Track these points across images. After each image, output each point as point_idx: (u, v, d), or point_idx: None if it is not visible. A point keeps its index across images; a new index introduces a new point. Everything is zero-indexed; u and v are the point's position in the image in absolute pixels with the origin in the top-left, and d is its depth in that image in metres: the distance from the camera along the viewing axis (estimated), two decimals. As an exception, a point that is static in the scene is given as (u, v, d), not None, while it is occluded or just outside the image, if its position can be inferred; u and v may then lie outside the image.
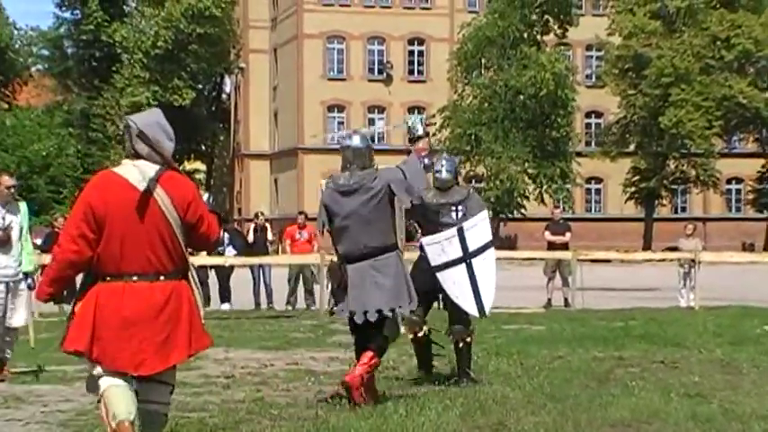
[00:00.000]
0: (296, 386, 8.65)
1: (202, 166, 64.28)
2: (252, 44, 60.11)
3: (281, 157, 58.25)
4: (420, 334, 8.80)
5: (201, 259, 18.43)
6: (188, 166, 62.90)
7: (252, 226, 20.41)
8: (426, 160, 8.19)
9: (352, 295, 7.55)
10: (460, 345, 8.74)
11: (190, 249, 5.55)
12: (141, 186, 5.27)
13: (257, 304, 19.33)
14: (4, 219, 9.40)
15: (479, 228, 8.57)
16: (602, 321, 14.82)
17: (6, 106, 66.11)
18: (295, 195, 54.82)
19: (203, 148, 62.24)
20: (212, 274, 19.37)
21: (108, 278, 5.26)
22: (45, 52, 65.14)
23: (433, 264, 8.46)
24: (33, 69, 68.54)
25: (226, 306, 19.00)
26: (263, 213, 21.92)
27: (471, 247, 8.45)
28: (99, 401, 5.28)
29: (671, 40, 48.68)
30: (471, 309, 8.47)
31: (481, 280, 8.43)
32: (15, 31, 67.93)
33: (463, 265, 8.42)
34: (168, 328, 5.26)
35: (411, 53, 57.30)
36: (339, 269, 7.66)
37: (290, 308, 19.12)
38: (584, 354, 10.75)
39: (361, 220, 7.53)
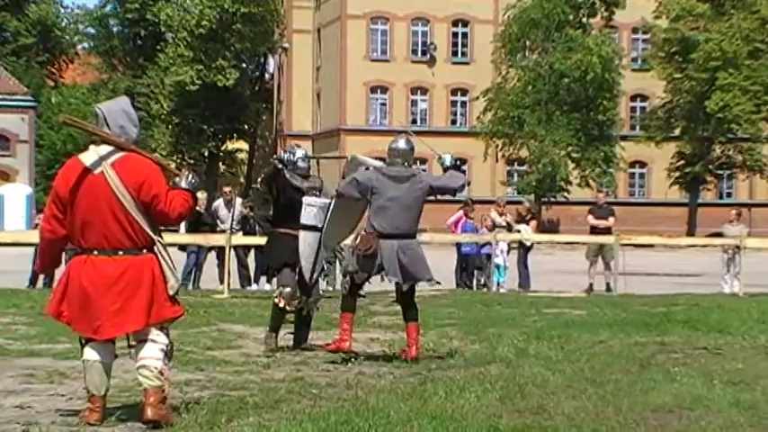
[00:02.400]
0: (336, 366, 8.67)
1: (245, 146, 64.51)
2: (296, 24, 60.11)
3: (323, 138, 58.32)
4: (292, 306, 9.72)
5: (242, 239, 18.53)
6: (230, 145, 63.22)
7: None
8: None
9: (389, 265, 8.86)
10: (303, 313, 9.83)
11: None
12: (96, 169, 5.94)
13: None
14: None
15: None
16: (644, 306, 14.72)
17: (52, 84, 66.73)
18: (337, 176, 54.67)
19: (246, 127, 62.45)
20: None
21: (79, 251, 6.05)
22: (91, 30, 65.65)
23: (302, 221, 9.56)
24: (79, 47, 69.14)
25: (268, 286, 19.08)
26: None
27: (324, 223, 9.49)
28: (82, 362, 6.09)
29: (719, 22, 48.05)
30: (306, 273, 9.60)
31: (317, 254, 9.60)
32: (62, 10, 68.53)
33: (318, 233, 9.46)
34: (122, 298, 5.90)
35: (455, 35, 57.01)
36: (373, 239, 8.90)
37: (330, 288, 19.17)
38: (625, 339, 10.67)
39: (401, 206, 8.94)
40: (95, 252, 5.94)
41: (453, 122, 56.78)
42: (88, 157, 6.04)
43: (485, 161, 50.17)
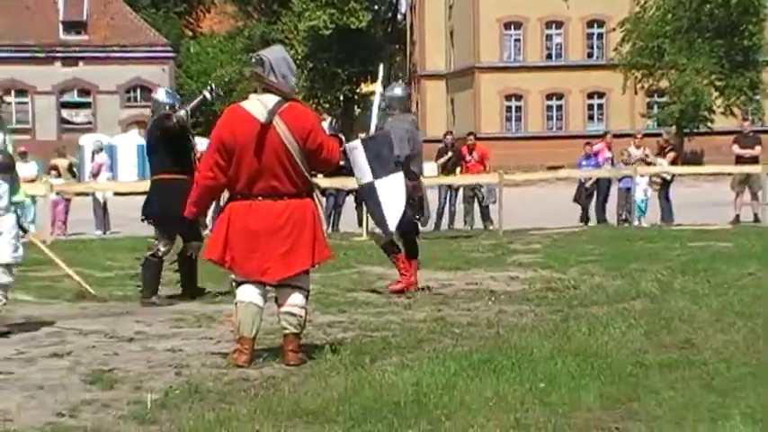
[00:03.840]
0: (476, 306, 8.66)
1: (379, 88, 64.68)
2: (427, -37, 59.61)
3: (457, 77, 57.94)
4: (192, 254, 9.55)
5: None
6: (365, 88, 63.45)
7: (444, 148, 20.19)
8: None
9: (425, 206, 9.82)
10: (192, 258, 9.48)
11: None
12: (262, 118, 6.04)
13: (437, 225, 19.38)
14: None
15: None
16: (794, 237, 14.25)
17: (191, 34, 68.05)
18: (472, 115, 54.53)
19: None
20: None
21: (238, 197, 6.14)
22: (225, -21, 66.41)
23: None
24: (215, -3, 70.13)
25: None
26: (451, 133, 21.72)
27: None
28: (235, 305, 6.19)
29: None
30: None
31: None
32: (198, -40, 69.54)
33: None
34: (290, 240, 6.05)
35: (590, -36, 55.64)
36: (420, 186, 9.66)
37: (468, 228, 19.15)
38: (775, 271, 10.36)
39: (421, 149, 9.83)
40: (260, 197, 6.07)
41: (590, 56, 55.63)
42: (252, 105, 6.16)
43: (623, 94, 49.10)
